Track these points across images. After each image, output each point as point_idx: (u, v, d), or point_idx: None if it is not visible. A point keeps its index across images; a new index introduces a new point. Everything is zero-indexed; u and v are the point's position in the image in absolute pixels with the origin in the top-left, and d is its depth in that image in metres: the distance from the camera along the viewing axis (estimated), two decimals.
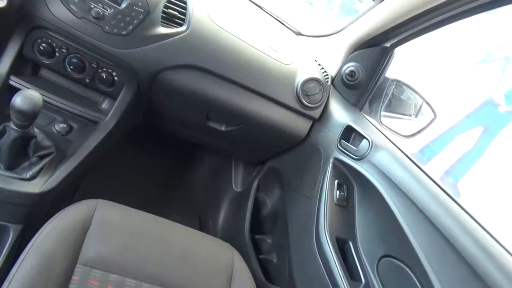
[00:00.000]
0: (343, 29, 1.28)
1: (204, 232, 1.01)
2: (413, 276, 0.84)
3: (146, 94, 1.08)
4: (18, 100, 0.75)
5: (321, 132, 1.21)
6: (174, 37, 1.00)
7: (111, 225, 0.84)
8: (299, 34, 1.49)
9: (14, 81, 0.94)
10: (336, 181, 1.09)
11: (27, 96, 0.76)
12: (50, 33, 0.93)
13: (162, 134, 1.63)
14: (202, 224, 1.60)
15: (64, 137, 0.98)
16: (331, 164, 1.11)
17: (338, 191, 1.08)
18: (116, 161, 1.41)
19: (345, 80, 1.22)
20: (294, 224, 1.19)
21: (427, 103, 1.25)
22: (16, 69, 0.95)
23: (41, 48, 0.94)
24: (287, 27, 1.48)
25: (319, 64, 1.27)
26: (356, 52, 1.21)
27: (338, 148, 1.12)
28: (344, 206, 1.08)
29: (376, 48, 1.16)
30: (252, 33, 1.16)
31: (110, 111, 1.03)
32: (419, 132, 1.21)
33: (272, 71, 1.14)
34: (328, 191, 1.08)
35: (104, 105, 1.07)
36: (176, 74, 1.03)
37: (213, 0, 1.13)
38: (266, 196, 1.45)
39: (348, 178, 1.10)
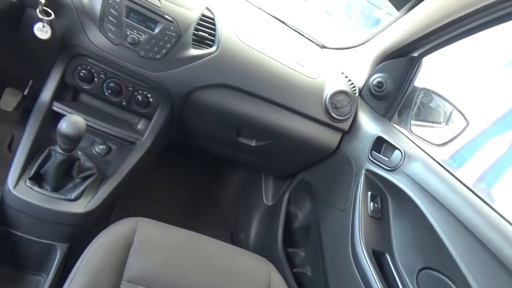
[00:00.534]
0: (368, 40, 1.29)
1: (236, 246, 1.03)
2: None
3: (179, 114, 1.12)
4: (63, 126, 0.80)
5: (351, 144, 1.21)
6: (205, 58, 1.04)
7: (152, 242, 0.87)
8: (323, 47, 1.50)
9: (56, 107, 0.99)
10: (369, 192, 1.09)
11: (72, 122, 0.80)
12: (90, 60, 0.98)
13: (192, 150, 1.66)
14: (234, 238, 1.62)
15: (104, 158, 1.03)
16: (363, 175, 1.11)
17: (371, 203, 1.07)
18: (147, 175, 1.44)
19: (373, 91, 1.22)
20: (328, 237, 1.19)
21: (458, 110, 1.24)
22: (58, 95, 1.00)
23: (81, 74, 0.99)
24: (311, 40, 1.51)
25: (346, 77, 1.28)
26: (383, 63, 1.21)
27: (370, 159, 1.12)
28: (379, 218, 1.07)
29: (403, 58, 1.16)
30: (278, 49, 1.18)
31: (146, 132, 1.07)
32: (451, 140, 1.19)
33: (300, 85, 1.16)
34: (361, 203, 1.08)
35: (140, 126, 1.11)
36: (208, 93, 1.07)
37: (240, 20, 1.17)
38: (297, 209, 1.45)
39: (381, 189, 1.09)
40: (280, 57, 1.15)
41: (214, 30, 1.08)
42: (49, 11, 0.87)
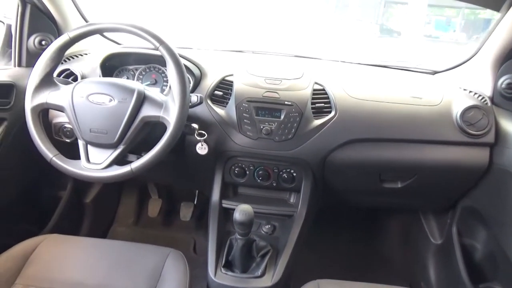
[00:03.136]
0: (479, 50, 1.28)
1: None
2: None
3: (321, 178, 1.23)
4: (237, 215, 0.97)
5: (505, 155, 1.13)
6: (328, 124, 1.16)
7: None
8: (435, 73, 1.51)
9: (225, 204, 1.21)
10: None
11: (243, 210, 0.98)
12: (239, 158, 1.19)
13: (342, 209, 1.72)
14: (414, 287, 1.54)
15: (271, 236, 1.18)
16: None
17: None
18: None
19: (506, 94, 1.17)
20: None
21: None
22: (223, 194, 1.22)
23: (236, 172, 1.21)
24: (420, 72, 1.53)
25: (470, 91, 1.25)
26: (505, 64, 1.17)
27: None
28: None
29: None
30: (390, 92, 1.25)
31: (299, 204, 1.20)
32: None
33: (425, 116, 1.18)
34: None
35: (292, 200, 1.25)
36: (341, 152, 1.17)
37: (347, 81, 1.28)
38: (472, 240, 1.34)
39: None
40: (394, 98, 1.21)
41: (327, 98, 1.21)
42: (203, 132, 1.12)
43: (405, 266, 1.63)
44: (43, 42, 1.26)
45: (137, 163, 0.97)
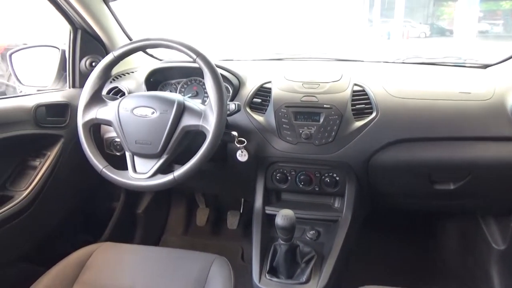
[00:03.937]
0: None
1: None
2: None
3: (366, 182, 1.19)
4: (279, 220, 0.97)
5: None
6: (370, 125, 1.13)
7: None
8: (486, 66, 1.42)
9: (268, 210, 1.21)
10: None
11: (284, 215, 0.97)
12: (280, 164, 1.19)
13: (394, 214, 1.65)
14: None
15: (316, 241, 1.16)
16: None
17: None
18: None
19: None
20: None
21: None
22: (266, 200, 1.22)
23: (278, 177, 1.21)
24: (470, 67, 1.45)
25: None
26: None
27: None
28: None
29: None
30: (436, 88, 1.19)
31: (343, 208, 1.17)
32: None
33: (476, 111, 1.11)
34: None
35: (337, 205, 1.22)
36: (385, 153, 1.13)
37: (387, 80, 1.24)
38: None
39: None
40: (440, 95, 1.16)
41: (368, 99, 1.18)
42: (243, 139, 1.14)
43: (464, 273, 1.52)
44: (93, 63, 1.36)
45: (179, 171, 1.00)
